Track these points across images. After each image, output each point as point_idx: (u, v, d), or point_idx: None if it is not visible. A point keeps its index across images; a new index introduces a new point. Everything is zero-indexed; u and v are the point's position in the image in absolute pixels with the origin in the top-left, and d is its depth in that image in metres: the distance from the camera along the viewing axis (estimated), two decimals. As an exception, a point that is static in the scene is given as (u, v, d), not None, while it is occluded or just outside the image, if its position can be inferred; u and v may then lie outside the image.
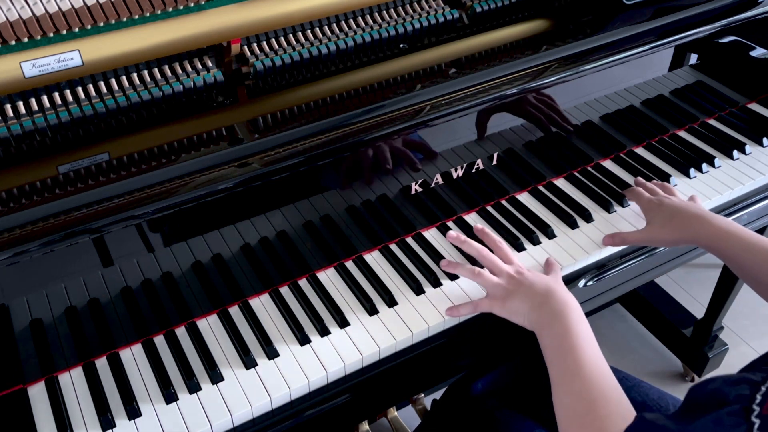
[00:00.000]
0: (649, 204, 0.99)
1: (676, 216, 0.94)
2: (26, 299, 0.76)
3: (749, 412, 0.50)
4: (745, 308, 1.79)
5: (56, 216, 0.72)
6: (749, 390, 0.51)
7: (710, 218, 0.90)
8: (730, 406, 0.51)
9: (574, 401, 0.70)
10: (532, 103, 1.02)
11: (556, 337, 0.77)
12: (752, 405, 0.50)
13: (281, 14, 0.94)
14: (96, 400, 0.78)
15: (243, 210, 0.85)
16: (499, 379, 1.02)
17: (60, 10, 0.81)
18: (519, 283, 0.85)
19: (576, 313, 0.79)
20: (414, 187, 0.97)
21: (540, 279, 0.85)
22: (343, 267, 0.95)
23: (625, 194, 1.07)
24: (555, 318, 0.78)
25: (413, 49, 1.04)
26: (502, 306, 0.85)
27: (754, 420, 0.49)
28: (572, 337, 0.75)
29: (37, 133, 0.83)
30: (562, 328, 0.77)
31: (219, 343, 0.85)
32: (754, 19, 1.16)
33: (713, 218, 0.90)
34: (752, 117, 1.28)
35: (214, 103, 0.92)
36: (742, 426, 0.50)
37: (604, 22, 1.09)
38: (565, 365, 0.74)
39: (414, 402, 1.34)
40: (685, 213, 0.93)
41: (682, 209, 0.94)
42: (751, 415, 0.50)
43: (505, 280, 0.86)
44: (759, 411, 0.50)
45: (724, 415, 0.51)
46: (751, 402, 0.50)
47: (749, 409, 0.50)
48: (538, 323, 0.80)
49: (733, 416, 0.51)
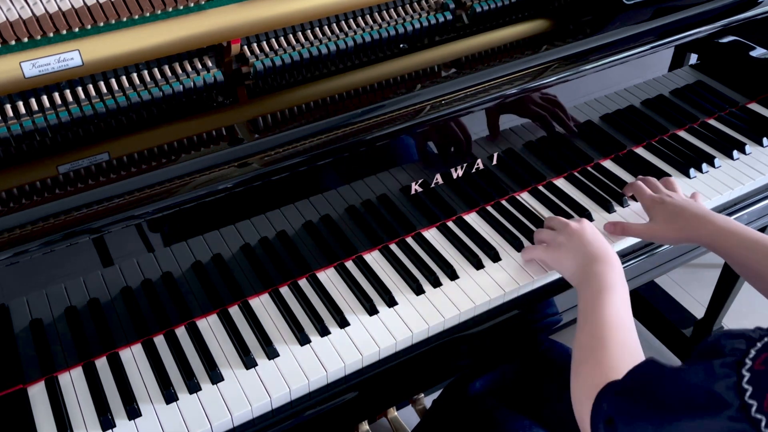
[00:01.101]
0: (651, 201, 0.99)
1: (678, 215, 0.94)
2: (26, 299, 0.76)
3: (741, 365, 0.51)
4: (745, 308, 1.79)
5: (56, 216, 0.72)
6: (745, 345, 0.52)
7: (711, 217, 0.91)
8: (725, 358, 0.53)
9: (591, 342, 0.74)
10: (532, 104, 1.02)
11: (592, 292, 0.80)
12: (745, 359, 0.51)
13: (281, 14, 0.94)
14: (96, 400, 0.78)
15: (243, 210, 0.85)
16: (498, 378, 1.02)
17: (60, 10, 0.81)
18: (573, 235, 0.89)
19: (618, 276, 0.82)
20: (414, 187, 0.97)
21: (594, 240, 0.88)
22: (343, 267, 0.95)
23: (625, 190, 1.07)
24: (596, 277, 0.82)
25: (413, 49, 1.04)
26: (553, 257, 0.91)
27: (745, 373, 0.50)
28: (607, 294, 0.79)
29: (37, 133, 0.83)
30: (599, 286, 0.80)
31: (219, 343, 0.85)
32: (754, 19, 1.16)
33: (714, 217, 0.91)
34: (752, 117, 1.28)
35: (214, 103, 0.92)
36: (732, 377, 0.51)
37: (604, 22, 1.09)
38: (592, 314, 0.77)
39: (414, 402, 1.34)
40: (688, 212, 0.93)
41: (684, 208, 0.94)
42: (742, 368, 0.51)
43: (563, 234, 0.91)
44: (751, 365, 0.51)
45: (717, 365, 0.53)
46: (745, 356, 0.52)
47: (741, 363, 0.51)
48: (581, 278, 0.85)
49: (725, 367, 0.52)
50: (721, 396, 0.51)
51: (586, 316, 0.78)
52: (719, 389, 0.51)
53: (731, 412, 0.50)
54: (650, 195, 1.00)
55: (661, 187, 1.02)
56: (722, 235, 0.88)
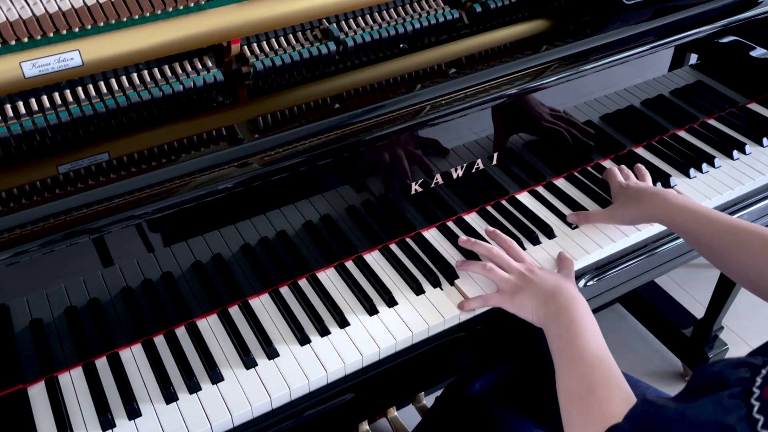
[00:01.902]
0: (618, 187, 1.03)
1: (635, 195, 0.99)
2: (26, 299, 0.76)
3: (749, 395, 0.51)
4: (745, 308, 1.79)
5: (56, 216, 0.72)
6: (750, 373, 0.52)
7: (666, 194, 0.95)
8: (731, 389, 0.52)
9: (576, 384, 0.72)
10: (532, 104, 1.02)
11: (560, 330, 0.79)
12: (752, 388, 0.51)
13: (281, 14, 0.94)
14: (96, 400, 0.78)
15: (243, 210, 0.85)
16: (498, 378, 1.02)
17: (60, 10, 0.81)
18: (528, 279, 0.87)
19: (582, 307, 0.81)
20: (414, 187, 0.97)
21: (549, 276, 0.88)
22: (343, 267, 0.95)
23: (603, 175, 1.11)
24: (561, 311, 0.81)
25: (413, 49, 1.04)
26: (512, 301, 0.87)
27: (754, 402, 0.50)
28: (577, 327, 0.78)
29: (37, 133, 0.83)
30: (567, 319, 0.79)
31: (219, 343, 0.85)
32: (754, 19, 1.16)
33: (669, 194, 0.95)
34: (752, 117, 1.28)
35: (214, 103, 0.92)
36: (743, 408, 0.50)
37: (604, 22, 1.09)
38: (569, 352, 0.76)
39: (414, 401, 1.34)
40: (644, 192, 0.98)
41: (641, 189, 0.99)
42: (751, 397, 0.50)
43: (516, 277, 0.88)
44: (759, 394, 0.50)
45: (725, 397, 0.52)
46: (752, 385, 0.51)
47: (749, 392, 0.51)
48: (545, 318, 0.83)
49: (733, 398, 0.51)
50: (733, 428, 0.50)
51: (563, 357, 0.76)
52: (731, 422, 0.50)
53: None
54: (618, 181, 1.04)
55: (632, 175, 1.07)
56: (677, 212, 0.91)
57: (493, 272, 0.90)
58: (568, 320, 0.79)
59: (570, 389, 0.73)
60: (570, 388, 0.73)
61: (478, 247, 0.95)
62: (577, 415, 0.70)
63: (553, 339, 0.80)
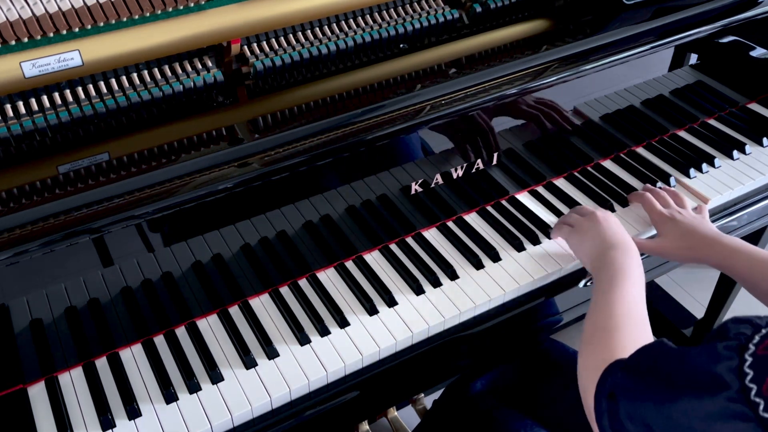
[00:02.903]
0: (661, 217, 0.99)
1: (689, 234, 0.95)
2: (26, 299, 0.76)
3: (744, 350, 0.52)
4: (745, 308, 1.79)
5: (56, 216, 0.72)
6: (751, 330, 0.53)
7: (720, 238, 0.92)
8: (728, 341, 0.53)
9: (602, 322, 0.75)
10: (532, 104, 1.02)
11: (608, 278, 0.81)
12: (749, 344, 0.52)
13: (281, 14, 0.94)
14: (96, 400, 0.78)
15: (243, 210, 0.85)
16: (498, 378, 1.02)
17: (60, 10, 0.81)
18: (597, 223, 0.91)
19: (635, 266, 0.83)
20: (414, 187, 0.97)
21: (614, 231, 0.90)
22: (343, 267, 0.95)
23: (631, 199, 1.07)
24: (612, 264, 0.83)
25: (413, 49, 1.04)
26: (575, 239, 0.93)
27: (747, 357, 0.51)
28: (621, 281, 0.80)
29: (37, 133, 0.83)
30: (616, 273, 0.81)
31: (219, 343, 0.85)
32: (754, 19, 1.16)
33: (723, 237, 0.92)
34: (752, 117, 1.28)
35: (214, 103, 0.92)
36: (734, 360, 0.51)
37: (604, 22, 1.09)
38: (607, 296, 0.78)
39: (414, 402, 1.34)
40: (698, 233, 0.94)
41: (695, 228, 0.95)
42: (745, 352, 0.51)
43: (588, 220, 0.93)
44: (754, 350, 0.51)
45: (721, 347, 0.53)
46: (749, 341, 0.52)
47: (745, 347, 0.52)
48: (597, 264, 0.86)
49: (728, 350, 0.53)
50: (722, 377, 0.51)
51: (599, 300, 0.79)
52: (720, 370, 0.52)
53: (731, 393, 0.50)
54: (660, 210, 1.00)
55: (671, 202, 1.02)
56: (732, 256, 0.89)
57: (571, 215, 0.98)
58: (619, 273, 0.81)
59: (595, 322, 0.76)
60: (595, 321, 0.76)
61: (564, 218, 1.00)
62: (593, 344, 0.73)
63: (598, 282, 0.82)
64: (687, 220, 0.97)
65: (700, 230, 0.94)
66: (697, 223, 0.96)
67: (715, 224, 1.07)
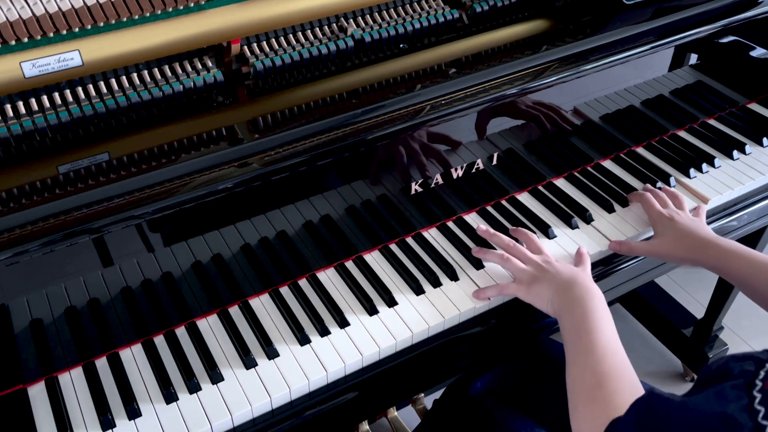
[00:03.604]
0: (660, 217, 0.99)
1: (685, 237, 0.95)
2: (26, 299, 0.76)
3: (752, 387, 0.51)
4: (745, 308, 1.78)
5: (56, 216, 0.72)
6: (754, 366, 0.53)
7: (717, 241, 0.92)
8: (734, 380, 0.53)
9: (586, 375, 0.73)
10: (532, 104, 1.02)
11: (575, 320, 0.79)
12: (755, 380, 0.52)
13: (281, 14, 0.94)
14: (96, 400, 0.78)
15: (243, 210, 0.85)
16: (498, 378, 1.02)
17: (60, 10, 0.81)
18: (545, 270, 0.88)
19: (597, 299, 0.81)
20: (414, 187, 0.97)
21: (566, 268, 0.88)
22: (343, 267, 0.95)
23: (631, 198, 1.07)
24: (576, 302, 0.81)
25: (413, 49, 1.04)
26: (528, 291, 0.88)
27: (756, 394, 0.51)
28: (590, 318, 0.78)
29: (37, 133, 0.83)
30: (582, 310, 0.79)
31: (219, 343, 0.85)
32: (754, 19, 1.16)
33: (720, 240, 0.92)
34: (752, 117, 1.28)
35: (214, 103, 0.92)
36: (744, 399, 0.51)
37: (604, 22, 1.09)
38: (581, 344, 0.76)
39: (414, 402, 1.34)
40: (695, 235, 0.94)
41: (692, 231, 0.95)
42: (753, 389, 0.51)
43: (533, 267, 0.89)
44: (761, 386, 0.51)
45: (728, 387, 0.53)
46: (755, 377, 0.52)
47: (752, 384, 0.51)
48: (559, 307, 0.83)
49: (735, 390, 0.52)
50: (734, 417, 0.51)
51: (575, 347, 0.77)
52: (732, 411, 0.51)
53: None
54: (658, 210, 1.00)
55: (670, 203, 1.02)
56: (729, 259, 0.89)
57: (510, 263, 0.91)
58: (583, 311, 0.79)
59: (579, 380, 0.73)
60: (580, 378, 0.73)
61: (496, 239, 0.96)
62: (584, 406, 0.71)
63: (567, 329, 0.80)
64: (684, 222, 0.97)
65: (697, 233, 0.94)
66: (694, 225, 0.96)
67: (714, 224, 1.07)
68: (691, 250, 0.94)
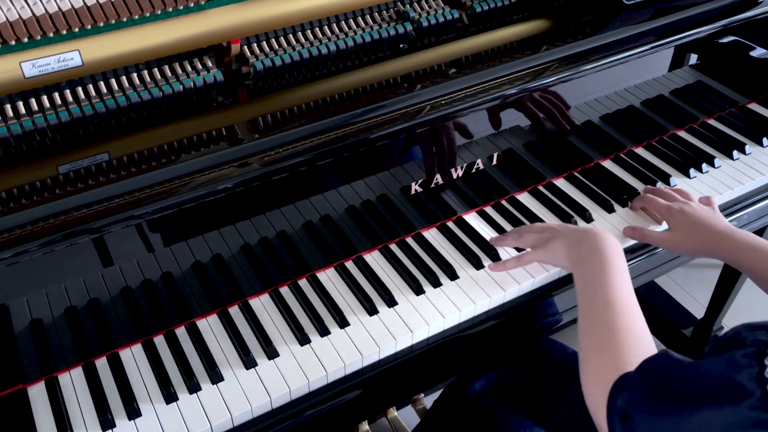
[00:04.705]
0: (670, 210, 0.97)
1: (699, 227, 0.93)
2: (26, 299, 0.76)
3: (763, 356, 0.51)
4: (745, 308, 1.79)
5: (56, 216, 0.72)
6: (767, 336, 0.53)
7: (732, 232, 0.90)
8: (746, 349, 0.53)
9: (600, 329, 0.72)
10: (532, 103, 1.02)
11: (592, 269, 0.78)
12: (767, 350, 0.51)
13: (281, 14, 0.94)
14: (96, 400, 0.78)
15: (243, 210, 0.85)
16: (498, 379, 1.02)
17: (60, 10, 0.81)
18: (559, 230, 0.89)
19: (614, 248, 0.81)
20: (414, 187, 0.97)
21: (579, 226, 0.89)
22: (343, 267, 0.95)
23: (635, 206, 1.05)
24: (593, 252, 0.81)
25: (413, 49, 1.04)
26: (545, 251, 0.89)
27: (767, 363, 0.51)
28: (607, 269, 0.77)
29: (37, 133, 0.83)
30: (598, 260, 0.79)
31: (219, 343, 0.85)
32: (754, 19, 1.16)
33: (734, 232, 0.90)
34: (752, 117, 1.28)
35: (214, 103, 0.92)
36: (755, 368, 0.51)
37: (604, 22, 1.09)
38: (597, 296, 0.75)
39: (414, 402, 1.34)
40: (709, 228, 0.92)
41: (705, 223, 0.93)
42: (764, 359, 0.51)
43: (547, 232, 0.90)
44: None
45: (739, 356, 0.53)
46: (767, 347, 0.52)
47: (763, 353, 0.51)
48: (577, 258, 0.83)
49: (747, 358, 0.52)
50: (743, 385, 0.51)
51: (590, 299, 0.75)
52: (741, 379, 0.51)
53: (752, 401, 0.50)
54: (666, 205, 0.98)
55: (676, 195, 1.01)
56: (744, 251, 0.87)
57: (524, 237, 0.92)
58: (599, 261, 0.78)
59: (593, 333, 0.72)
60: (594, 332, 0.72)
61: (507, 240, 0.97)
62: (594, 359, 0.70)
63: (583, 279, 0.79)
64: (697, 213, 0.95)
65: (712, 224, 0.92)
66: (707, 216, 0.94)
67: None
68: (705, 243, 0.92)
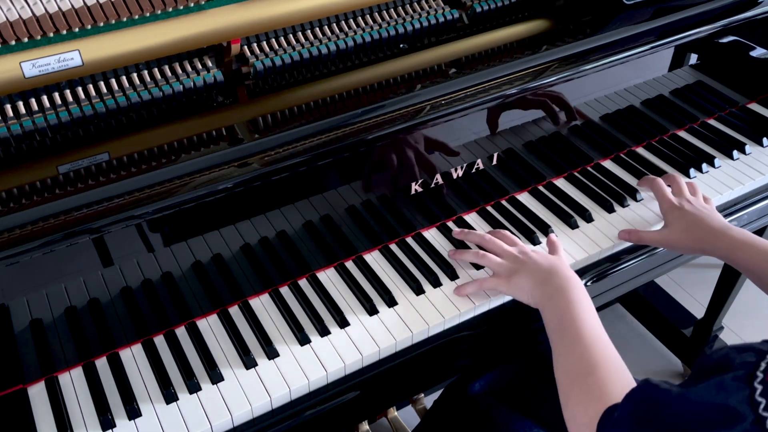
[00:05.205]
0: (670, 205, 0.98)
1: (696, 225, 0.93)
2: (26, 299, 0.76)
3: (752, 378, 0.51)
4: (745, 308, 1.79)
5: (56, 216, 0.72)
6: (755, 357, 0.52)
7: (728, 230, 0.90)
8: (735, 372, 0.52)
9: (575, 364, 0.72)
10: (532, 103, 1.02)
11: (558, 310, 0.79)
12: (756, 372, 0.51)
13: (281, 14, 0.94)
14: (96, 400, 0.78)
15: (243, 210, 0.85)
16: (497, 378, 1.02)
17: (60, 10, 0.81)
18: (523, 262, 0.88)
19: (578, 288, 0.81)
20: (414, 187, 0.97)
21: (544, 258, 0.88)
22: (343, 267, 0.95)
23: (642, 183, 1.06)
24: (557, 292, 0.81)
25: (413, 49, 1.04)
26: (508, 283, 0.88)
27: (757, 386, 0.50)
28: (574, 309, 0.78)
29: (37, 133, 0.83)
30: (564, 301, 0.79)
31: (219, 343, 0.85)
32: (754, 19, 1.16)
33: (731, 230, 0.90)
34: (752, 117, 1.28)
35: (214, 103, 0.92)
36: (745, 390, 0.51)
37: (604, 22, 1.09)
38: (567, 334, 0.76)
39: (414, 402, 1.34)
40: (705, 224, 0.92)
41: (702, 219, 0.93)
42: (754, 381, 0.51)
43: (510, 260, 0.89)
44: (762, 377, 0.51)
45: (728, 379, 0.52)
46: (756, 369, 0.51)
47: (753, 375, 0.51)
48: (541, 298, 0.83)
49: (736, 381, 0.52)
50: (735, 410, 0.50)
51: (561, 337, 0.76)
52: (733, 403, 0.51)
53: (745, 425, 0.50)
54: (670, 198, 0.99)
55: (685, 190, 1.00)
56: (740, 249, 0.87)
57: (486, 258, 0.90)
58: (565, 301, 0.79)
59: (569, 370, 0.73)
60: (569, 368, 0.73)
61: (471, 236, 0.96)
62: (577, 396, 0.70)
63: (550, 319, 0.80)
64: (695, 211, 0.95)
65: (708, 222, 0.93)
66: (705, 214, 0.94)
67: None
68: (701, 241, 0.92)
